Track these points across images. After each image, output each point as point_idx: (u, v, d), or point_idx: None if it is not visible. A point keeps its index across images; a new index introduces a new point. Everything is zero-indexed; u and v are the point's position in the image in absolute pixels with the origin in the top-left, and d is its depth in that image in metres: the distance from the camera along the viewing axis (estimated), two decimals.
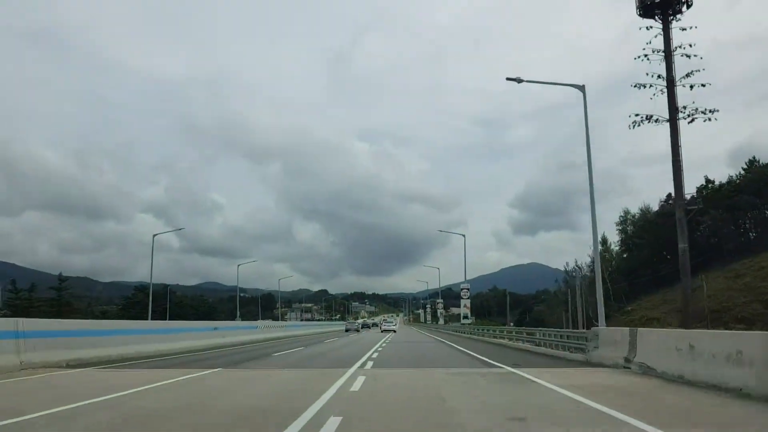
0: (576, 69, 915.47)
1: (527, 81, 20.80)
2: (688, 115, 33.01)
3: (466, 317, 50.47)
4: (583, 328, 42.54)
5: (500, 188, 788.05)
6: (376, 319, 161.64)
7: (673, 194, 42.17)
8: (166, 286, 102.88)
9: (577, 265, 69.37)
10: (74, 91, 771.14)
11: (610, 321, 60.07)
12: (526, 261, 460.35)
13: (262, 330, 34.29)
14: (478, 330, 41.73)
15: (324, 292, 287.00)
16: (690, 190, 60.08)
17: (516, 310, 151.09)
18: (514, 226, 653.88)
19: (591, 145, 19.41)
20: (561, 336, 18.49)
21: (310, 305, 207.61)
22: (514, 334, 27.20)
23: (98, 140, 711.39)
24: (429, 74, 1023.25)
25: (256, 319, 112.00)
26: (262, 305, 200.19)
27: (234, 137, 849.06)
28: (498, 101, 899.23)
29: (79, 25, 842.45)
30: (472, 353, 19.97)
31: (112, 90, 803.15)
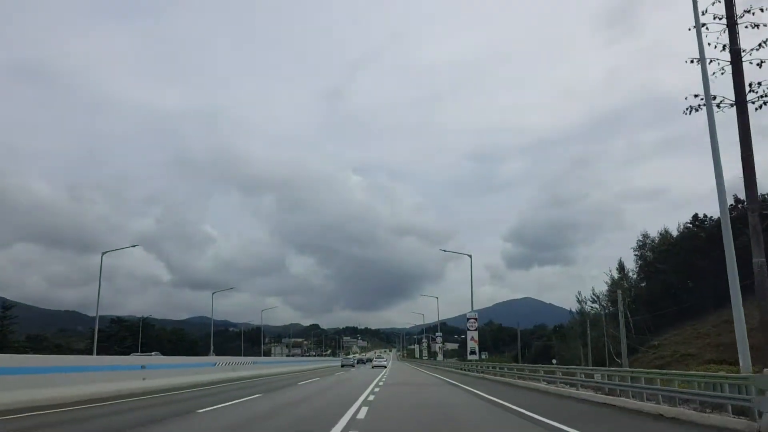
0: (569, 107, 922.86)
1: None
2: (760, 97, 25.12)
3: (473, 352, 42.87)
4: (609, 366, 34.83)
5: (494, 222, 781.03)
6: (369, 355, 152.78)
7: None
8: (141, 318, 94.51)
9: (594, 295, 61.46)
10: (68, 126, 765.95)
11: (635, 357, 51.70)
12: (519, 296, 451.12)
13: (221, 368, 26.56)
14: (489, 368, 34.17)
15: (315, 326, 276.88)
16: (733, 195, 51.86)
17: (512, 345, 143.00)
18: (507, 260, 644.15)
19: None
20: (692, 383, 10.85)
21: (300, 340, 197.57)
22: (559, 376, 19.52)
23: (90, 174, 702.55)
24: (423, 111, 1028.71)
25: (240, 354, 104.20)
26: (251, 339, 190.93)
27: (228, 170, 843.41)
28: (491, 137, 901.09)
29: (73, 60, 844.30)
30: (519, 409, 12.46)
31: (107, 124, 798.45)
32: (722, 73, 25.84)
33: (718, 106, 26.37)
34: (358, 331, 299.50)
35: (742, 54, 25.12)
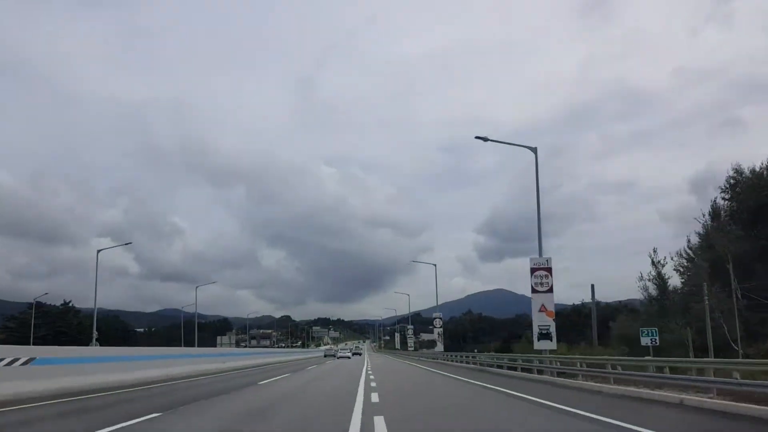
0: (541, 100, 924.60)
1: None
2: None
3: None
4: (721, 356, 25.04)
5: (466, 215, 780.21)
6: (341, 346, 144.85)
7: None
8: (65, 303, 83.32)
9: (687, 250, 39.79)
10: (32, 116, 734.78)
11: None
12: (491, 287, 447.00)
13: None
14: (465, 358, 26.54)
15: (287, 318, 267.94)
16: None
17: (491, 336, 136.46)
18: (480, 252, 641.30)
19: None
20: None
21: (269, 331, 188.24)
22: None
23: (55, 164, 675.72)
24: (395, 103, 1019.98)
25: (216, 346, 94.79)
26: (216, 331, 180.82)
27: (196, 161, 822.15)
28: (464, 129, 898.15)
29: (39, 49, 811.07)
30: None
31: (72, 114, 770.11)
32: None
33: None
34: (331, 323, 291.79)
35: None
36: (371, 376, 21.19)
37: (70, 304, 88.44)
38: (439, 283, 36.72)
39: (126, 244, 48.96)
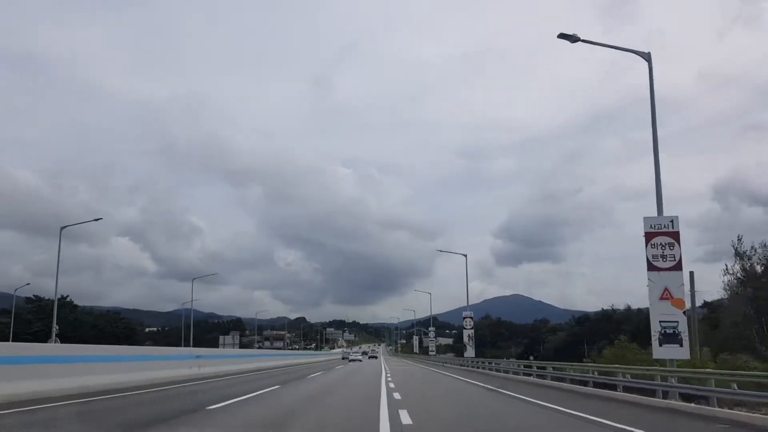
0: (561, 106, 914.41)
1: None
2: None
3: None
4: None
5: (484, 219, 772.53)
6: (355, 349, 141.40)
7: None
8: (63, 298, 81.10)
9: None
10: (52, 115, 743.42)
11: None
12: (508, 292, 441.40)
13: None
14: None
15: (302, 319, 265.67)
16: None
17: (510, 341, 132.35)
18: (497, 256, 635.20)
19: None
20: None
21: (283, 332, 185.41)
22: None
23: (74, 162, 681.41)
24: (413, 106, 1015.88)
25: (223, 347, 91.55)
26: (228, 332, 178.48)
27: (214, 160, 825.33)
28: (482, 133, 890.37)
29: (59, 49, 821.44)
30: None
31: (92, 113, 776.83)
32: None
33: None
34: (346, 325, 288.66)
35: None
36: (395, 396, 14.54)
37: (68, 299, 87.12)
38: (456, 287, 32.37)
39: (96, 219, 50.26)
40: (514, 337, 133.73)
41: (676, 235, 15.57)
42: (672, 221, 15.73)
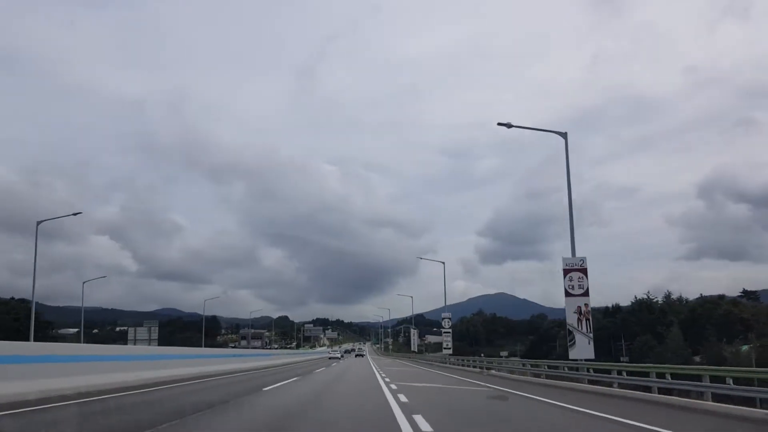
0: (546, 105, 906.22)
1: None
2: None
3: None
4: None
5: (469, 217, 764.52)
6: (346, 346, 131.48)
7: None
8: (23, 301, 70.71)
9: None
10: (28, 112, 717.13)
11: None
12: (493, 291, 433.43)
13: None
14: None
15: (285, 318, 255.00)
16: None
17: (508, 338, 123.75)
18: (482, 254, 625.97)
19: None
20: None
21: (262, 331, 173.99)
22: None
23: (52, 160, 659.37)
24: (398, 105, 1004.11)
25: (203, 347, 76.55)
26: (205, 332, 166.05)
27: (195, 156, 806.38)
28: (468, 133, 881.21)
29: (34, 46, 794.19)
30: None
31: (69, 109, 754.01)
32: None
33: None
34: (329, 323, 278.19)
35: None
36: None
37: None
38: (441, 285, 33.80)
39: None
40: (511, 335, 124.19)
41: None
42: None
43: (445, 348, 52.39)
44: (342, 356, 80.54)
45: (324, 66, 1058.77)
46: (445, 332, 54.46)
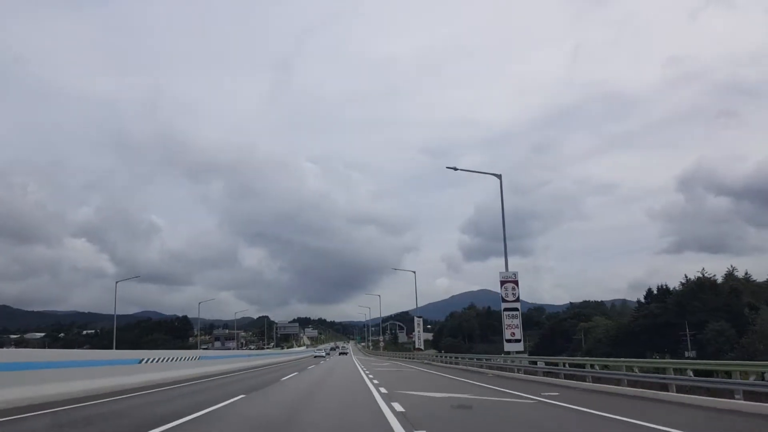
0: (528, 101, 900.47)
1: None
2: None
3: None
4: None
5: (451, 215, 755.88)
6: (324, 346, 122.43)
7: None
8: None
9: None
10: (2, 113, 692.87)
11: None
12: (476, 288, 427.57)
13: None
14: None
15: (265, 318, 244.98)
16: None
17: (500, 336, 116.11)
18: (464, 251, 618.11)
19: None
20: None
21: (238, 331, 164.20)
22: None
23: (26, 161, 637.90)
24: (379, 103, 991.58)
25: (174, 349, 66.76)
26: (175, 331, 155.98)
27: (172, 155, 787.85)
28: (449, 131, 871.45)
29: (7, 46, 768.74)
30: None
31: (44, 111, 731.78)
32: None
33: None
34: (311, 322, 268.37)
35: None
36: None
37: None
38: (423, 284, 25.85)
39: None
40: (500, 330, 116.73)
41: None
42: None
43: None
44: (328, 354, 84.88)
45: (303, 63, 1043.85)
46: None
